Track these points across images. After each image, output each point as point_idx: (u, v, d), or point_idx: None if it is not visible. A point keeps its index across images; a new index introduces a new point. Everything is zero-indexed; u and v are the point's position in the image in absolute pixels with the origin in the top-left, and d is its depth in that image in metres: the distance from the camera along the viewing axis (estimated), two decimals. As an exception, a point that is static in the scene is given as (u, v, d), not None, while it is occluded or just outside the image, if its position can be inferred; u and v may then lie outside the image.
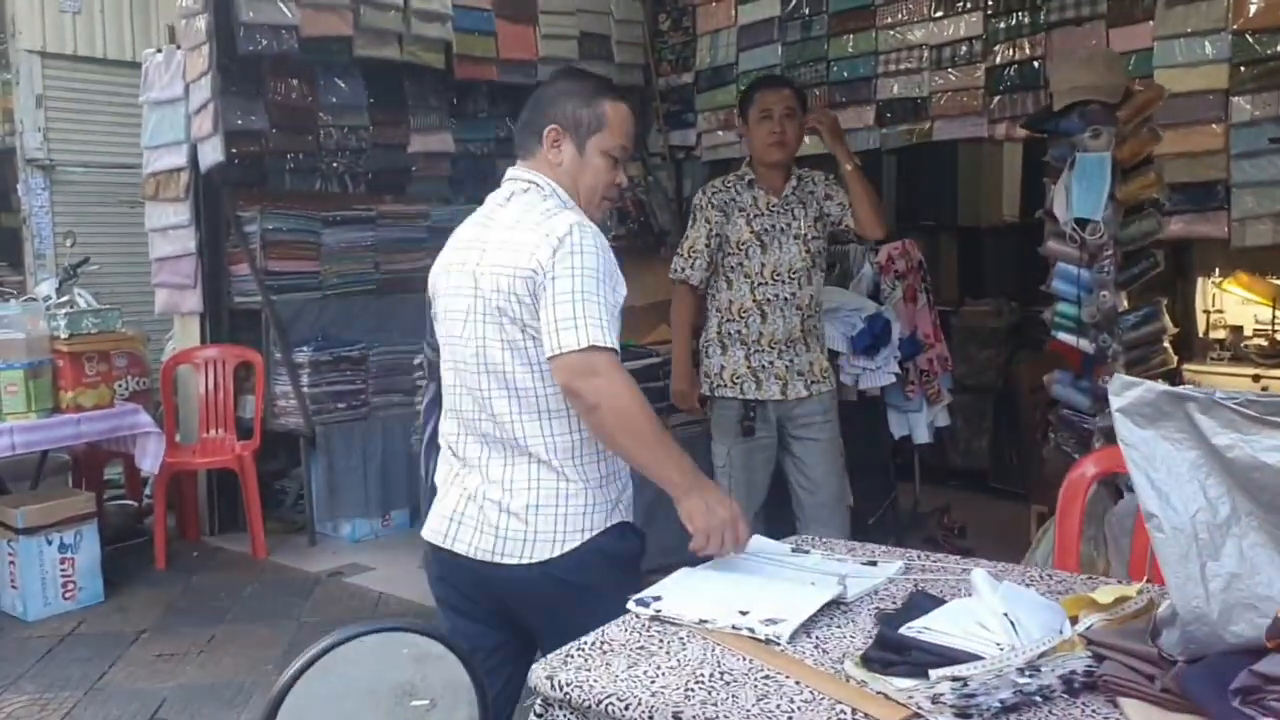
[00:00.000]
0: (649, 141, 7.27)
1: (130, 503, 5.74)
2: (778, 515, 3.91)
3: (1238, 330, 3.73)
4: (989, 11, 5.46)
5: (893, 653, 1.46)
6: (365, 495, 5.41)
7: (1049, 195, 2.88)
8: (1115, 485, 2.85)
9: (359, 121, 5.82)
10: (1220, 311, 3.82)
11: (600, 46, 6.79)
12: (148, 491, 5.88)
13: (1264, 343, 3.62)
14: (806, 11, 6.20)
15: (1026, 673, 1.37)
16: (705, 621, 1.71)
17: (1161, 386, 1.37)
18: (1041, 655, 1.40)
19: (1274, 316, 3.62)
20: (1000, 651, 1.40)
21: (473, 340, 2.08)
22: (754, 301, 3.78)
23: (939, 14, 5.66)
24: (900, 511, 4.83)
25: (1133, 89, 2.85)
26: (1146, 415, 1.38)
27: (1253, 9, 4.44)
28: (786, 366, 3.77)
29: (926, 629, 1.47)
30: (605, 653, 1.65)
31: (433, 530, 2.17)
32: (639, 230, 6.18)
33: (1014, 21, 5.37)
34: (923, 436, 4.77)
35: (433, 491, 2.43)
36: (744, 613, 1.71)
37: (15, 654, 4.05)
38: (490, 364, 2.06)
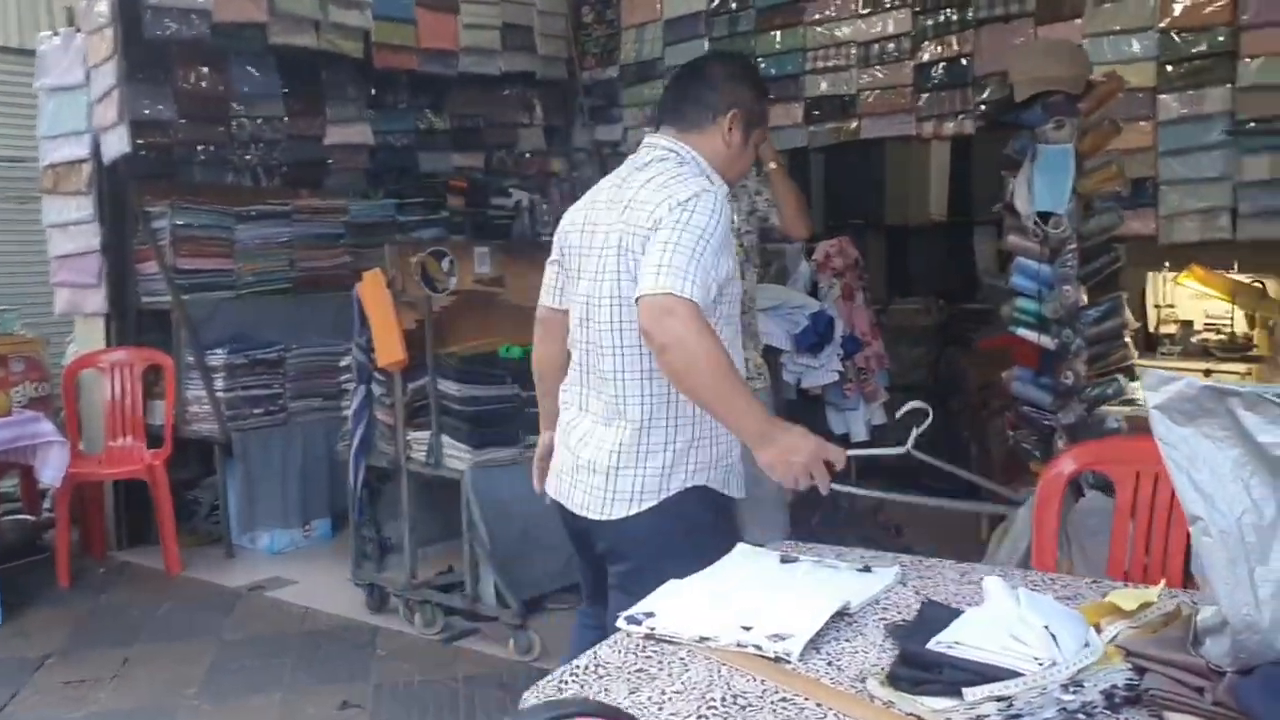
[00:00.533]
0: (573, 136, 7.15)
1: (27, 517, 5.39)
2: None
3: (1188, 325, 3.76)
4: (917, 9, 5.46)
5: (922, 670, 1.36)
6: (285, 505, 5.16)
7: (1009, 188, 2.85)
8: (1075, 483, 2.81)
9: (273, 112, 5.58)
10: (1171, 306, 3.85)
11: (523, 38, 6.64)
12: (47, 504, 5.54)
13: (1221, 337, 3.66)
14: (734, 6, 6.14)
15: (1070, 689, 1.28)
16: (706, 639, 1.60)
17: (1201, 382, 1.30)
18: (1082, 670, 1.31)
19: (1233, 311, 3.66)
20: (1040, 667, 1.31)
21: (593, 298, 2.17)
22: None
23: (867, 11, 5.64)
24: (837, 510, 4.78)
25: (1094, 81, 2.82)
26: (1186, 412, 1.30)
27: (1178, 8, 4.51)
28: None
29: (958, 644, 1.37)
30: (602, 677, 1.53)
31: (549, 485, 2.36)
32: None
33: (942, 19, 5.39)
34: (861, 434, 4.74)
35: (372, 494, 2.54)
36: (747, 628, 1.60)
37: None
38: (603, 322, 2.15)
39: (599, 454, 2.17)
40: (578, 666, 1.59)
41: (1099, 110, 2.77)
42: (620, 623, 1.71)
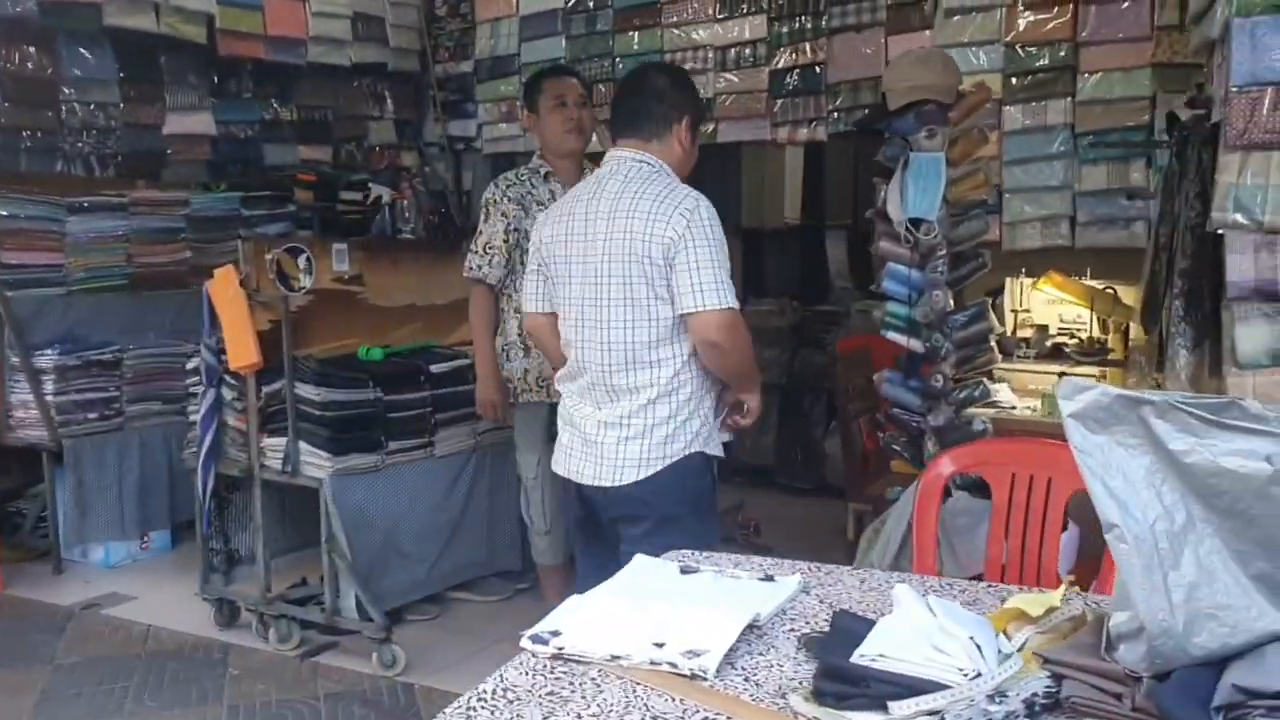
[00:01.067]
0: (425, 131, 6.98)
1: None
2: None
3: (1043, 329, 3.92)
4: (772, 15, 5.53)
5: (846, 684, 1.35)
6: (121, 516, 4.83)
7: (879, 195, 2.90)
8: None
9: (108, 98, 5.24)
10: (1028, 311, 4.01)
11: (374, 28, 6.45)
12: None
13: (1075, 341, 3.82)
14: (591, 5, 6.09)
15: (995, 699, 1.29)
16: (618, 657, 1.55)
17: (1116, 390, 1.33)
18: (1005, 679, 1.33)
19: (1093, 317, 3.83)
20: (965, 678, 1.32)
21: (598, 300, 2.48)
22: None
23: (724, 15, 5.69)
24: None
25: (964, 91, 2.90)
26: (1100, 420, 1.33)
27: (1023, 23, 4.69)
28: None
29: (882, 656, 1.37)
30: (512, 702, 1.47)
31: (557, 463, 2.66)
32: (440, 224, 5.88)
33: (796, 26, 5.47)
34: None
35: (219, 504, 3.36)
36: (659, 645, 1.56)
37: None
38: (613, 321, 2.46)
39: (607, 430, 2.50)
40: (485, 691, 1.52)
41: (968, 119, 2.85)
42: (525, 643, 1.66)
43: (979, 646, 1.35)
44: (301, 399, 3.76)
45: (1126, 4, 4.37)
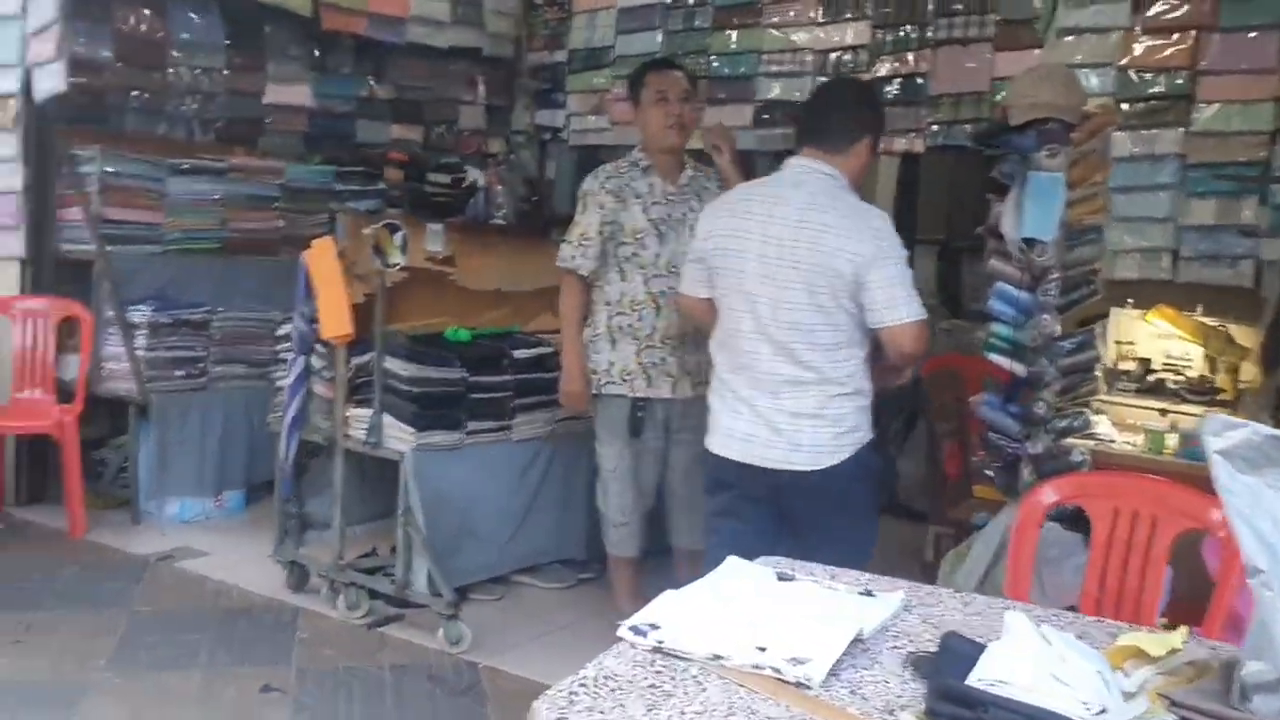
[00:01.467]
0: (513, 118, 7.01)
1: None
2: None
3: (1145, 362, 3.83)
4: (876, 22, 5.47)
5: (964, 708, 1.33)
6: (199, 473, 4.93)
7: (993, 212, 2.84)
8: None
9: (213, 63, 5.33)
10: (1131, 343, 3.92)
11: (473, 12, 6.48)
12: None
13: (1181, 378, 3.72)
14: (691, 1, 6.07)
15: (1119, 737, 1.26)
16: (719, 657, 1.54)
17: (1269, 430, 1.29)
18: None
19: (1197, 354, 3.73)
20: (1089, 712, 1.29)
21: (775, 300, 2.67)
22: (648, 294, 3.66)
23: (826, 20, 5.63)
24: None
25: (1089, 111, 2.84)
26: (1249, 460, 1.30)
27: (1139, 48, 4.57)
28: (679, 364, 3.66)
29: (1001, 682, 1.34)
30: (614, 690, 1.46)
31: (724, 447, 2.82)
32: (529, 212, 5.91)
33: (900, 35, 5.40)
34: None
35: (297, 470, 3.73)
36: (761, 648, 1.55)
37: None
38: (795, 321, 2.65)
39: (796, 420, 2.69)
40: (587, 678, 1.52)
41: (1091, 140, 2.79)
42: (623, 632, 1.65)
43: (1106, 682, 1.32)
44: (390, 373, 3.80)
45: (1254, 35, 4.24)
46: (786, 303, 2.65)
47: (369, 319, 3.80)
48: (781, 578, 1.90)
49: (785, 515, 2.81)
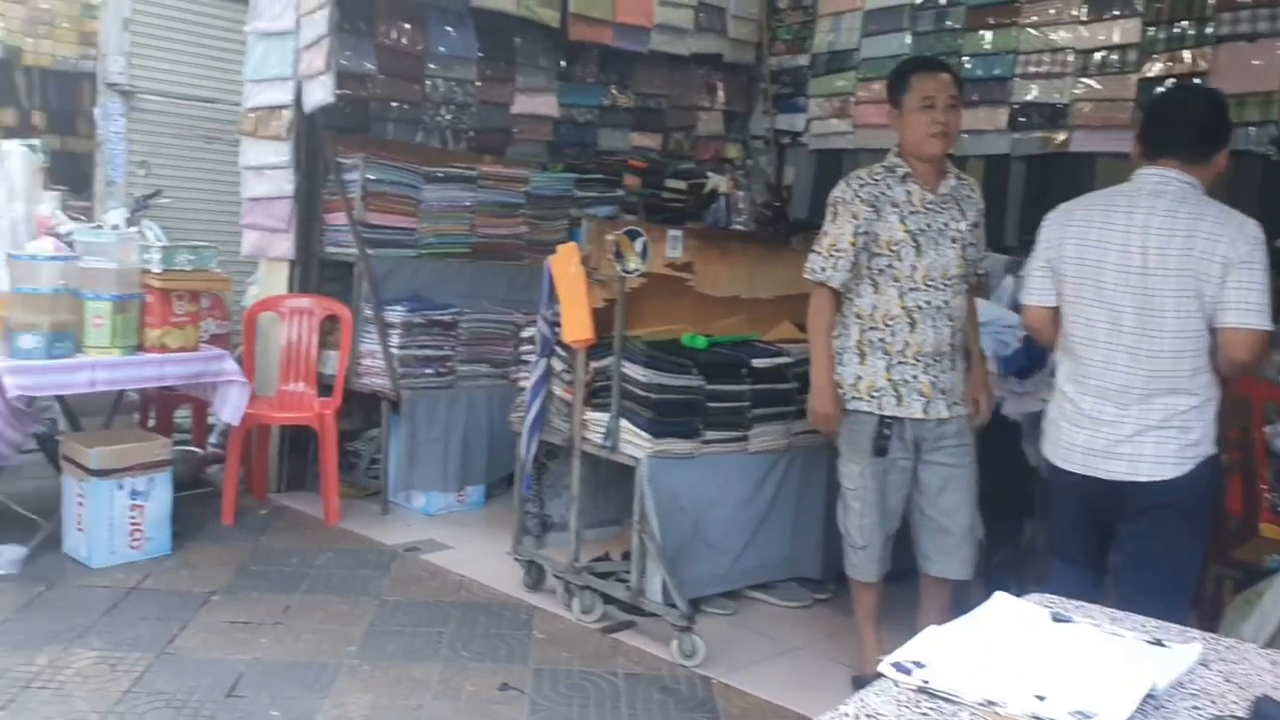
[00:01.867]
0: (751, 123, 6.98)
1: (195, 449, 5.51)
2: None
3: None
4: (1147, 19, 5.10)
5: (1293, 789, 1.16)
6: (444, 468, 5.14)
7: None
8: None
9: (467, 75, 5.57)
10: None
11: (715, 18, 6.52)
12: (212, 439, 5.66)
13: None
14: (942, 1, 5.86)
15: None
16: (993, 703, 1.41)
17: None
18: None
19: None
20: None
21: (1145, 308, 2.68)
22: (902, 308, 3.40)
23: (1090, 17, 5.30)
24: (1016, 549, 4.50)
25: None
26: None
27: None
28: (931, 382, 3.42)
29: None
30: (882, 732, 1.37)
31: (1065, 459, 2.84)
32: (770, 217, 5.86)
33: (1175, 32, 5.02)
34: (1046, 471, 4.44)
35: (537, 470, 3.79)
36: (1040, 698, 1.42)
37: (80, 603, 3.82)
38: (1164, 330, 2.66)
39: (1144, 429, 2.69)
40: (848, 714, 1.43)
41: None
42: (886, 668, 1.55)
43: None
44: (627, 378, 3.82)
45: None
46: (1151, 311, 2.67)
47: (609, 324, 3.83)
48: (1057, 619, 1.75)
49: (1116, 530, 2.83)
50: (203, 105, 6.94)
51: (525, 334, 4.30)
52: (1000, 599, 1.83)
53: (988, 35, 5.70)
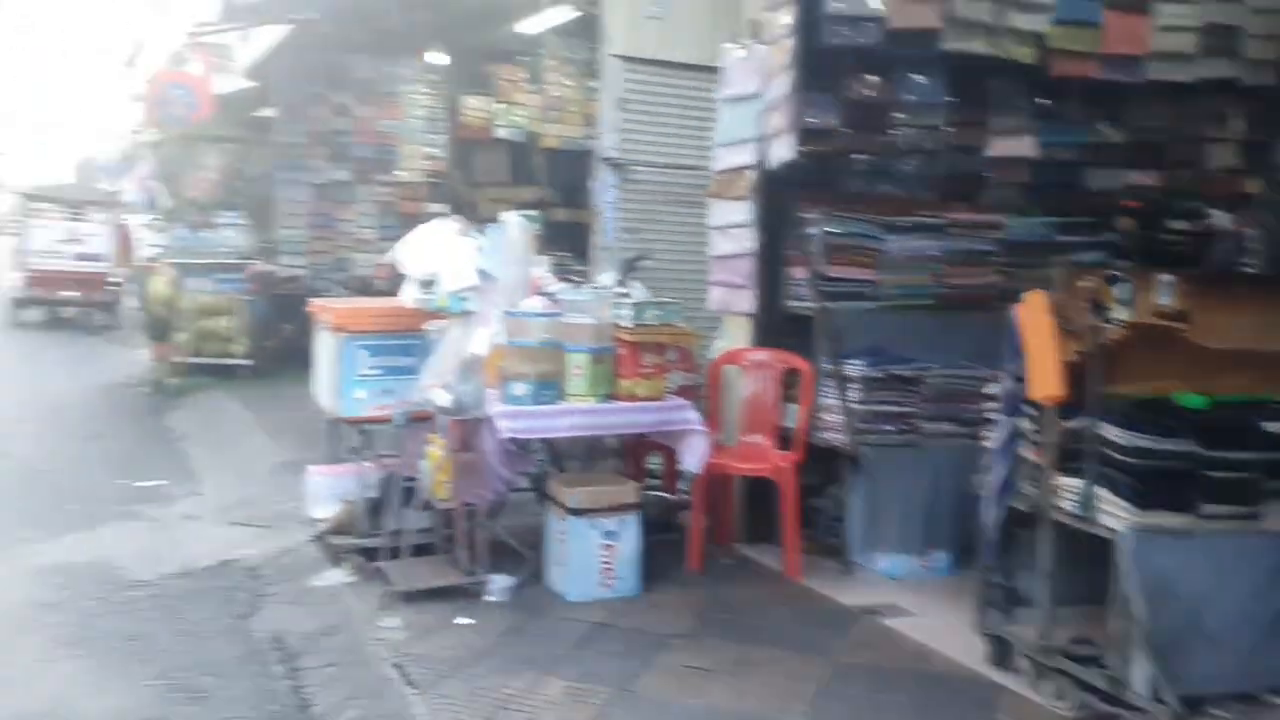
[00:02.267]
0: (1277, 155, 6.07)
1: (666, 495, 5.76)
2: None
3: None
4: None
5: None
6: (906, 529, 4.94)
7: None
8: None
9: (935, 121, 5.35)
10: None
11: (1224, 40, 5.73)
12: (681, 486, 5.88)
13: None
14: None
15: None
16: None
17: None
18: None
19: None
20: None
21: None
22: None
23: None
24: None
25: None
26: None
27: None
28: None
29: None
30: None
31: None
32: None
33: None
34: None
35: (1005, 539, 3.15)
36: None
37: (555, 634, 4.10)
38: None
39: None
40: None
41: None
42: None
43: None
44: (1105, 440, 3.42)
45: None
46: None
47: (1083, 379, 3.45)
48: None
49: None
50: (681, 172, 7.34)
51: (989, 390, 4.01)
52: None
53: None
